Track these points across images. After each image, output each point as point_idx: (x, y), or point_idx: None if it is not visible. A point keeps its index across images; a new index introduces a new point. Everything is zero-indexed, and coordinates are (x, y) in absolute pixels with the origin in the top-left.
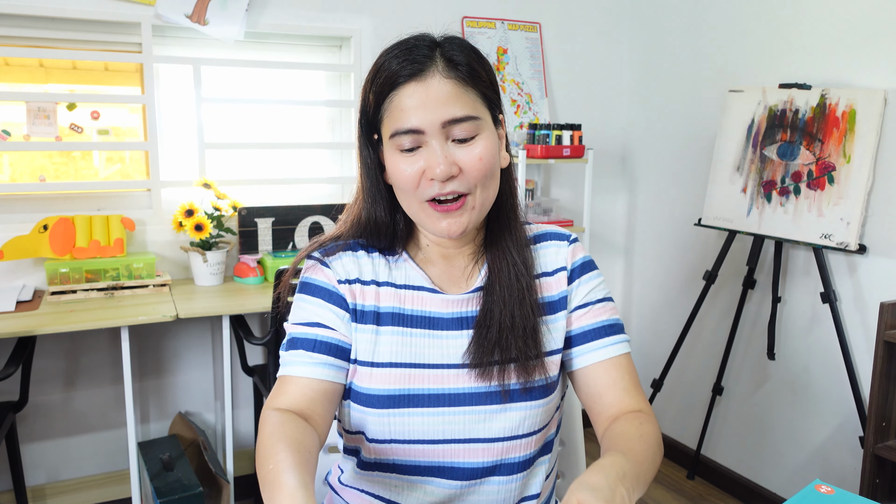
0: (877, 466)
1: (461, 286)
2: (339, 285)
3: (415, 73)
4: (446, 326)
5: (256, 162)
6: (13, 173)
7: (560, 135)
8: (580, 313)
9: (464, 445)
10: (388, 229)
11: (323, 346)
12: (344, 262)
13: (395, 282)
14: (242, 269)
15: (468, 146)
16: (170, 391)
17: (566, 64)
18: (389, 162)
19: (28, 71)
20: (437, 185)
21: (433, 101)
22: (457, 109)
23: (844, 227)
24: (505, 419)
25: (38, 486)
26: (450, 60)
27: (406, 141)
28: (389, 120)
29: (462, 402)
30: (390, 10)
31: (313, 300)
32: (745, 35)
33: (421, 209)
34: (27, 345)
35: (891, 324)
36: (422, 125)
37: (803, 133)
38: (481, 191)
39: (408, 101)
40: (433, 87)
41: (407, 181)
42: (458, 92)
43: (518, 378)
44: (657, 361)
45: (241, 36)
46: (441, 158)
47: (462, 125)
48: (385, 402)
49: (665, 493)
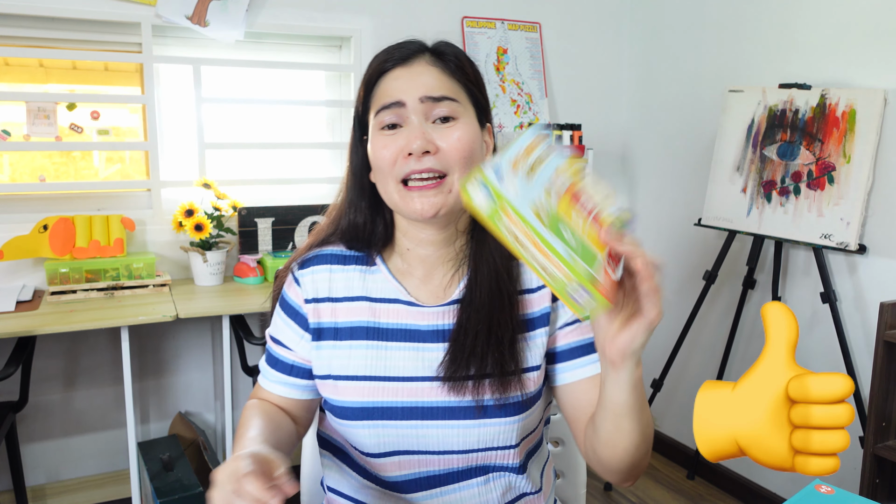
0: (877, 466)
1: (439, 296)
2: (305, 305)
3: (402, 60)
4: (424, 339)
5: (256, 162)
6: (13, 173)
7: (560, 135)
8: (568, 330)
9: (438, 456)
10: (366, 232)
11: (281, 365)
12: (315, 279)
13: (371, 295)
14: (242, 269)
15: (447, 127)
16: (170, 391)
17: (566, 64)
18: (372, 145)
19: (28, 71)
20: (413, 161)
21: (416, 80)
22: (437, 89)
23: (844, 227)
24: (479, 434)
25: (38, 486)
26: (436, 53)
27: (387, 117)
28: (375, 104)
29: (436, 416)
30: (390, 10)
31: (283, 315)
32: (745, 35)
33: (396, 191)
34: (27, 345)
35: (891, 324)
36: (402, 97)
37: (803, 133)
38: (460, 173)
39: (392, 83)
40: (417, 70)
41: (385, 159)
42: (441, 77)
43: (493, 394)
44: (657, 361)
45: (241, 36)
46: (418, 133)
47: (442, 104)
48: (357, 414)
49: (665, 493)
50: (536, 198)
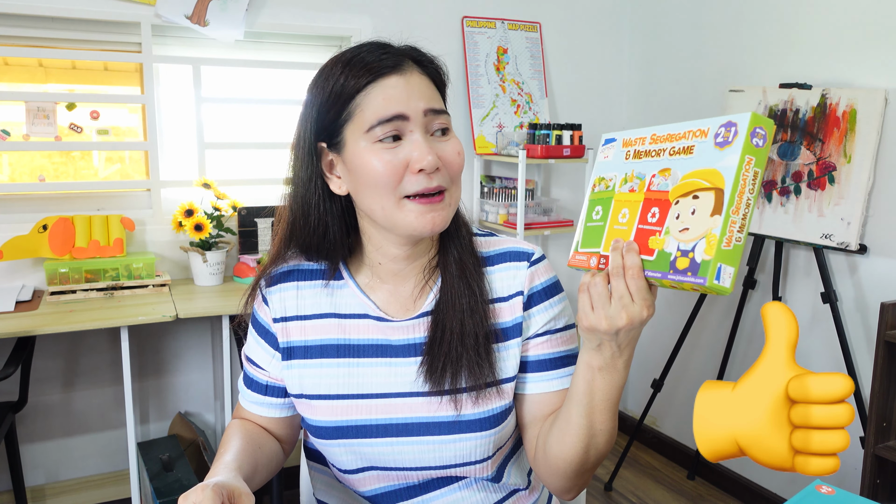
0: (877, 467)
1: (409, 309)
2: (274, 324)
3: (396, 66)
4: (397, 353)
5: (256, 162)
6: (13, 173)
7: (560, 135)
8: (539, 341)
9: (416, 472)
10: (329, 243)
11: (255, 384)
12: (283, 297)
13: (339, 311)
14: (242, 269)
15: (447, 140)
16: (169, 391)
17: (566, 64)
18: (362, 159)
19: (27, 71)
20: (423, 179)
21: (416, 92)
22: (435, 100)
23: (845, 227)
24: (456, 448)
25: (38, 486)
26: (419, 61)
27: (387, 129)
28: (366, 112)
29: (412, 433)
30: (390, 9)
31: (254, 335)
32: (745, 35)
33: (399, 207)
34: (27, 345)
35: (891, 324)
36: (406, 111)
37: (804, 133)
38: (455, 187)
39: (389, 92)
40: (414, 79)
41: (387, 175)
42: (432, 87)
43: (471, 408)
44: (657, 361)
45: (241, 36)
46: (428, 148)
47: (441, 118)
48: (332, 433)
49: (665, 494)
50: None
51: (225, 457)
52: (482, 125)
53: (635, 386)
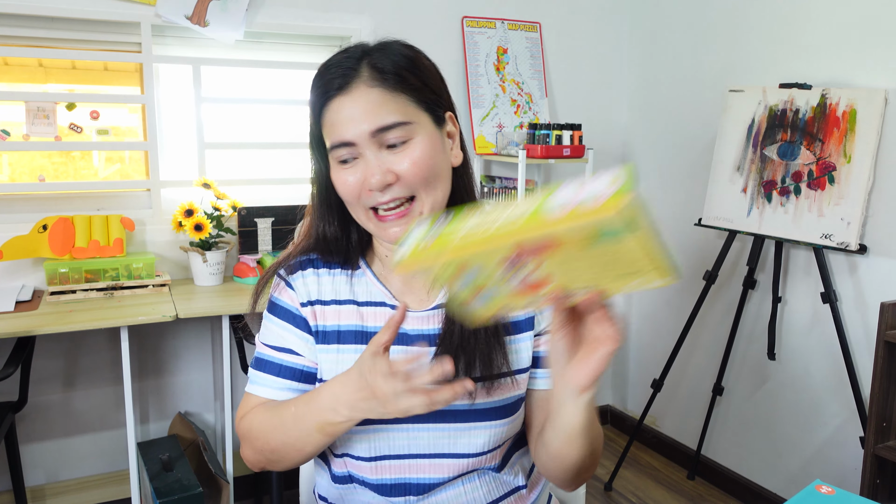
0: (877, 467)
1: (423, 300)
2: (302, 308)
3: (341, 87)
4: (412, 342)
5: (256, 162)
6: (12, 173)
7: (560, 135)
8: (543, 339)
9: (428, 460)
10: (340, 244)
11: (288, 371)
12: (306, 282)
13: (357, 299)
14: (242, 269)
15: (401, 151)
16: (169, 391)
17: (566, 64)
18: (332, 175)
19: (27, 71)
20: (376, 195)
21: (360, 113)
22: (384, 117)
23: (845, 226)
24: (470, 437)
25: (38, 486)
26: (375, 69)
27: (342, 153)
28: (327, 135)
29: (427, 419)
30: (390, 9)
31: (279, 322)
32: (745, 35)
33: (368, 219)
34: (26, 345)
35: (891, 324)
36: (353, 137)
37: (804, 133)
38: (426, 193)
39: (337, 116)
40: (359, 98)
41: (348, 193)
42: (384, 99)
43: (484, 397)
44: (657, 361)
45: (241, 36)
46: (375, 168)
47: (392, 132)
48: None
49: (665, 494)
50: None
51: (302, 396)
52: (482, 125)
53: (635, 386)
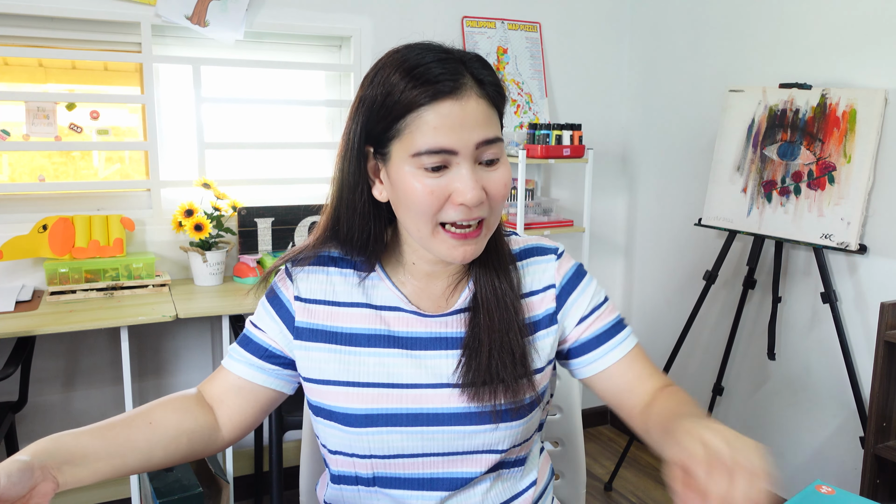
0: (877, 467)
1: (440, 305)
2: (295, 301)
3: (453, 91)
4: (424, 346)
5: (256, 162)
6: (12, 173)
7: (560, 135)
8: (586, 324)
9: (444, 458)
10: (370, 244)
11: (254, 346)
12: (310, 279)
13: (374, 303)
14: (242, 269)
15: (494, 170)
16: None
17: (566, 64)
18: (405, 181)
19: (27, 71)
20: (462, 210)
21: (472, 122)
22: (489, 131)
23: (845, 227)
24: (485, 437)
25: None
26: (478, 80)
27: (434, 160)
28: (415, 135)
29: (446, 422)
30: (390, 10)
31: (268, 307)
32: (745, 35)
33: (434, 233)
34: (26, 345)
35: (891, 324)
36: (456, 145)
37: (804, 133)
38: (494, 217)
39: (442, 120)
40: (470, 107)
41: (428, 204)
42: (489, 113)
43: (506, 399)
44: (657, 361)
45: (241, 36)
46: (473, 183)
47: (492, 148)
48: (362, 422)
49: (665, 494)
50: None
51: (88, 427)
52: None
53: None
